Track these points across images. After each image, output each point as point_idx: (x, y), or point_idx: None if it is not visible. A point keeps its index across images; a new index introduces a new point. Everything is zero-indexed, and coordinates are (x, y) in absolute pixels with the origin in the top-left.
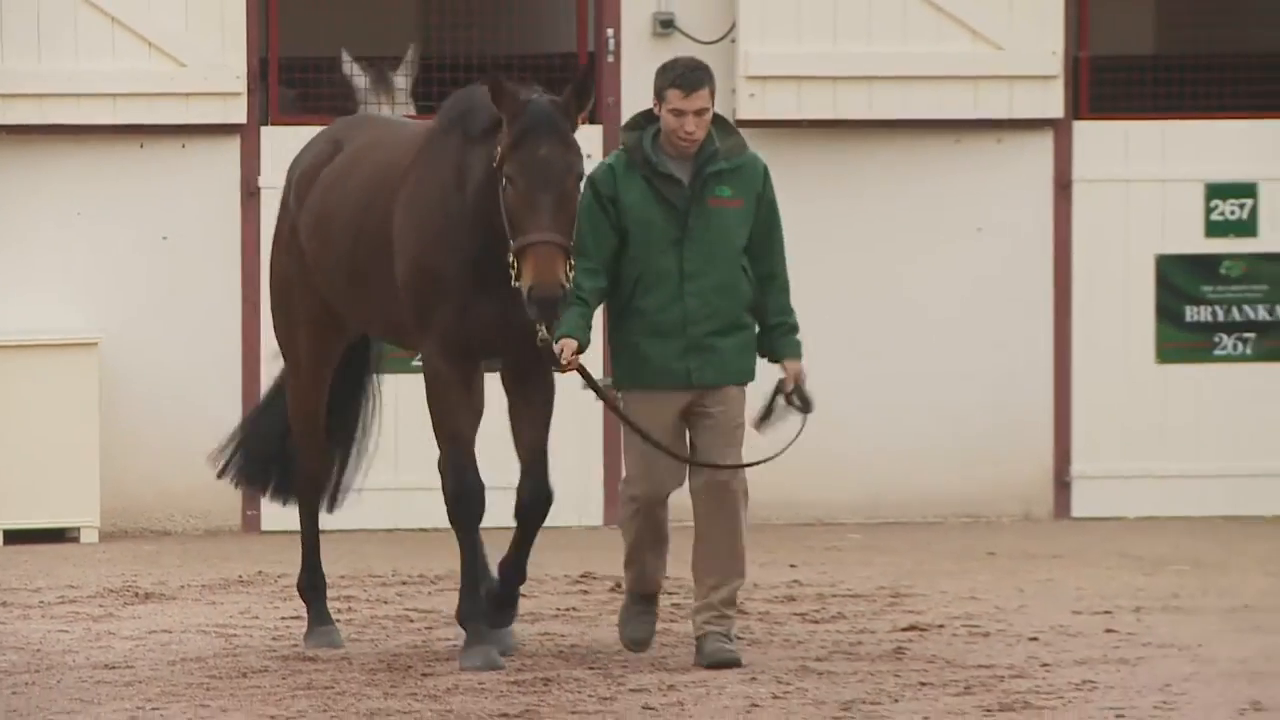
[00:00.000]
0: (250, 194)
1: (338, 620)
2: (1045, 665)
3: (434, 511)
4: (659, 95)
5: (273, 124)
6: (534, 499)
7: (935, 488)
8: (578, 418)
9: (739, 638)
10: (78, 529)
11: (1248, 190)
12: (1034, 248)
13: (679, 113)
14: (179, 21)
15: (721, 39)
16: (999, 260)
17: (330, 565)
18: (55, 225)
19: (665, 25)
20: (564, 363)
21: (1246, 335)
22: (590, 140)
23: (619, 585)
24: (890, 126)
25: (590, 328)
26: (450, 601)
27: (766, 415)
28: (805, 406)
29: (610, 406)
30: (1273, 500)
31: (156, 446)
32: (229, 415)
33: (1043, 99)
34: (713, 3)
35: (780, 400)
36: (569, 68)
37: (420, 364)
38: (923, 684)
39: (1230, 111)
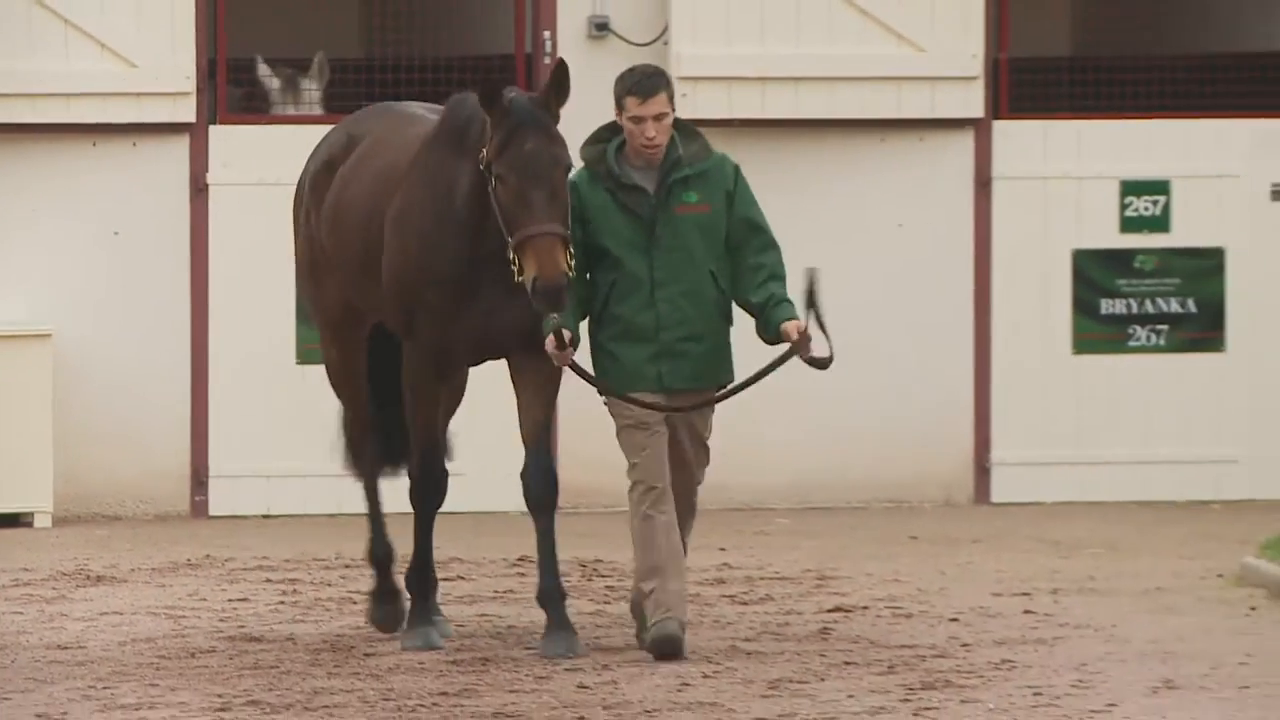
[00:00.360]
0: (199, 190)
1: (280, 604)
2: (965, 645)
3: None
4: (618, 103)
5: (221, 123)
6: (536, 481)
7: (860, 474)
8: (515, 408)
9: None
10: (31, 514)
11: (1161, 187)
12: (955, 243)
13: (638, 119)
14: (130, 23)
15: (654, 41)
16: (921, 255)
17: (275, 549)
18: (9, 221)
19: (600, 28)
20: (561, 347)
21: (1160, 327)
22: None
23: None
24: (817, 126)
25: (578, 320)
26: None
27: (766, 369)
28: (820, 362)
29: (600, 389)
30: (1184, 486)
31: (108, 435)
32: (179, 405)
33: (964, 99)
34: (646, 6)
35: (787, 357)
36: (507, 69)
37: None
38: (847, 663)
39: (1144, 112)
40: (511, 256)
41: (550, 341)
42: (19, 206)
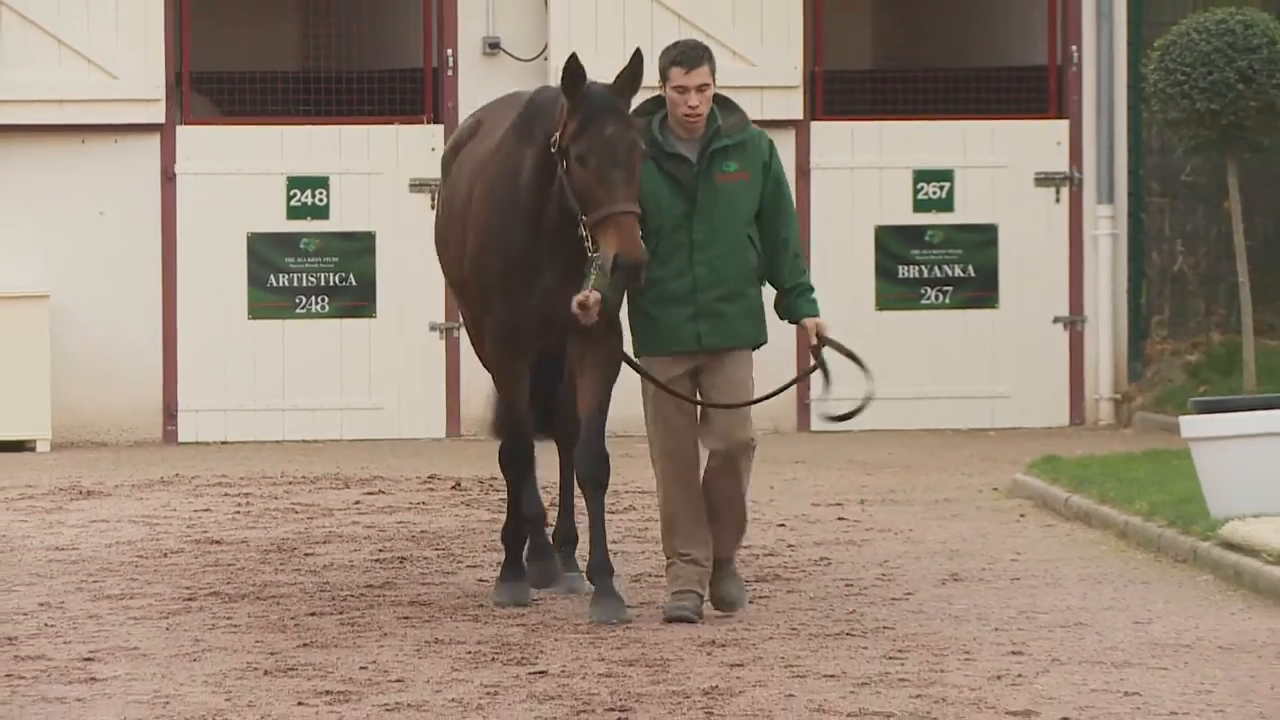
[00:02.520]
0: (168, 179)
1: (236, 513)
2: (791, 546)
3: (313, 426)
4: (663, 75)
5: (186, 124)
6: (587, 460)
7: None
8: (423, 348)
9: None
10: (34, 441)
11: (946, 175)
12: None
13: (682, 89)
14: (111, 43)
15: (536, 57)
16: None
17: (231, 469)
18: (14, 204)
19: (492, 46)
20: (587, 307)
21: (946, 288)
22: (434, 137)
23: (459, 484)
24: None
25: (621, 294)
26: (327, 499)
27: (823, 375)
28: (845, 353)
29: (630, 363)
30: (966, 417)
31: (95, 377)
32: (152, 353)
33: (786, 104)
34: (529, 28)
35: (819, 353)
36: (418, 81)
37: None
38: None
39: (932, 114)
40: (585, 234)
41: (585, 296)
42: (21, 192)
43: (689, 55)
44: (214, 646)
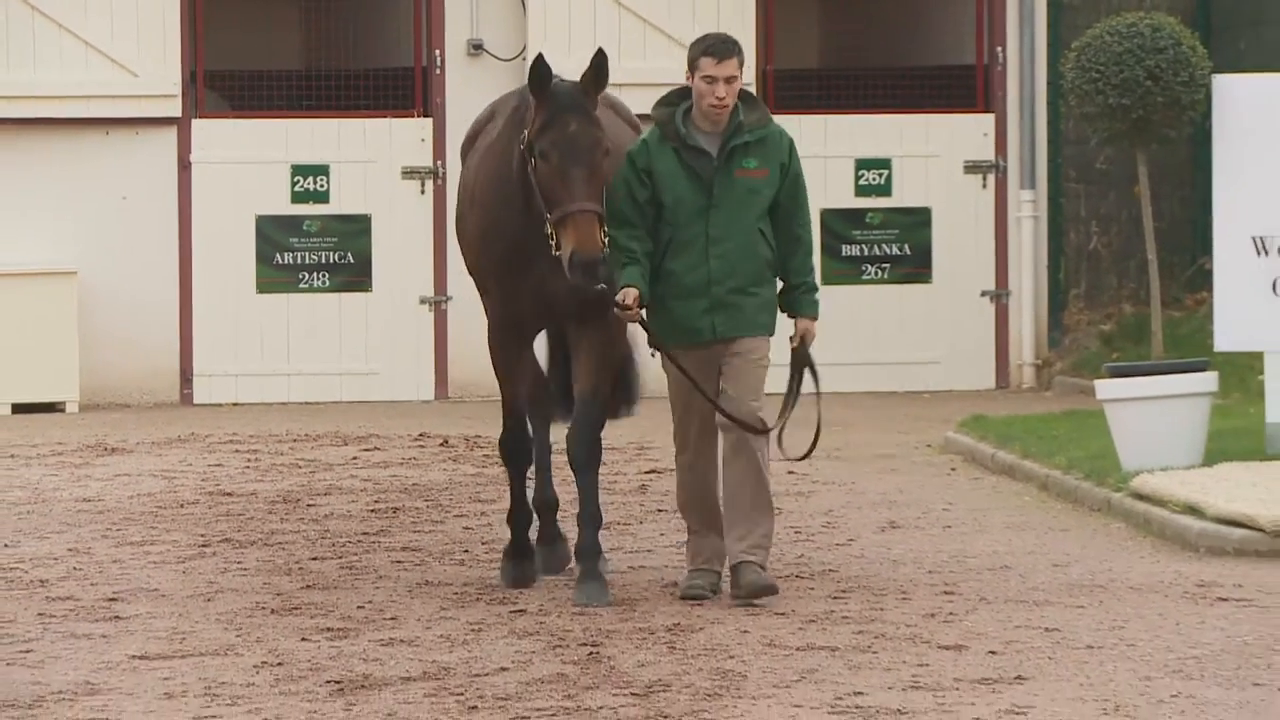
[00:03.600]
0: (184, 167)
1: (246, 468)
2: None
3: (315, 389)
4: (692, 65)
5: (199, 118)
6: (580, 442)
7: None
8: (414, 319)
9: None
10: (64, 403)
11: (885, 164)
12: None
13: (711, 79)
14: (132, 45)
15: (515, 57)
16: None
17: (241, 428)
18: (46, 190)
19: (476, 47)
20: (628, 307)
21: (884, 265)
22: (423, 129)
23: (446, 441)
24: None
25: (648, 283)
26: (328, 455)
27: (811, 377)
28: (807, 366)
29: (664, 353)
30: (902, 381)
31: (118, 345)
32: (170, 323)
33: None
34: (509, 31)
35: (794, 358)
36: (409, 79)
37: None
38: (659, 510)
39: (872, 109)
40: (549, 231)
41: (620, 296)
42: (52, 179)
43: (719, 46)
44: (226, 588)
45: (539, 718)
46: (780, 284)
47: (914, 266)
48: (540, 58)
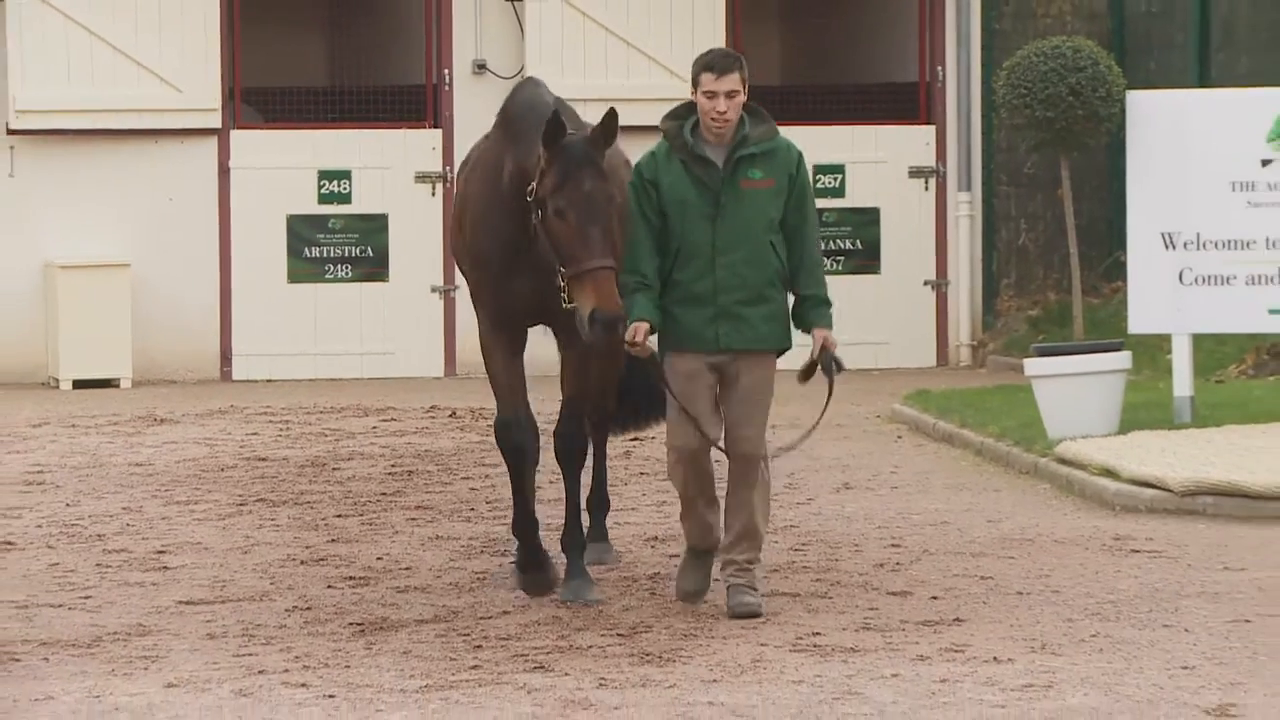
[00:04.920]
0: (223, 173)
1: (278, 436)
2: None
3: (339, 367)
4: (694, 81)
5: (237, 129)
6: (565, 438)
7: None
8: (426, 306)
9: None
10: (118, 379)
11: (839, 169)
12: None
13: (712, 94)
14: (178, 64)
15: (514, 75)
16: None
17: (275, 401)
18: (105, 192)
19: (480, 67)
20: (636, 344)
21: (839, 258)
22: (434, 139)
23: (454, 413)
24: None
25: (658, 308)
26: (350, 425)
27: (806, 374)
28: (838, 368)
29: (663, 383)
30: (856, 359)
31: (167, 328)
32: (212, 309)
33: None
34: (509, 52)
35: (820, 364)
36: (421, 95)
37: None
38: (641, 473)
39: (828, 120)
40: (562, 285)
41: (631, 333)
42: (108, 183)
43: (720, 62)
44: (261, 542)
45: (536, 655)
46: (792, 298)
47: (865, 259)
48: (556, 116)
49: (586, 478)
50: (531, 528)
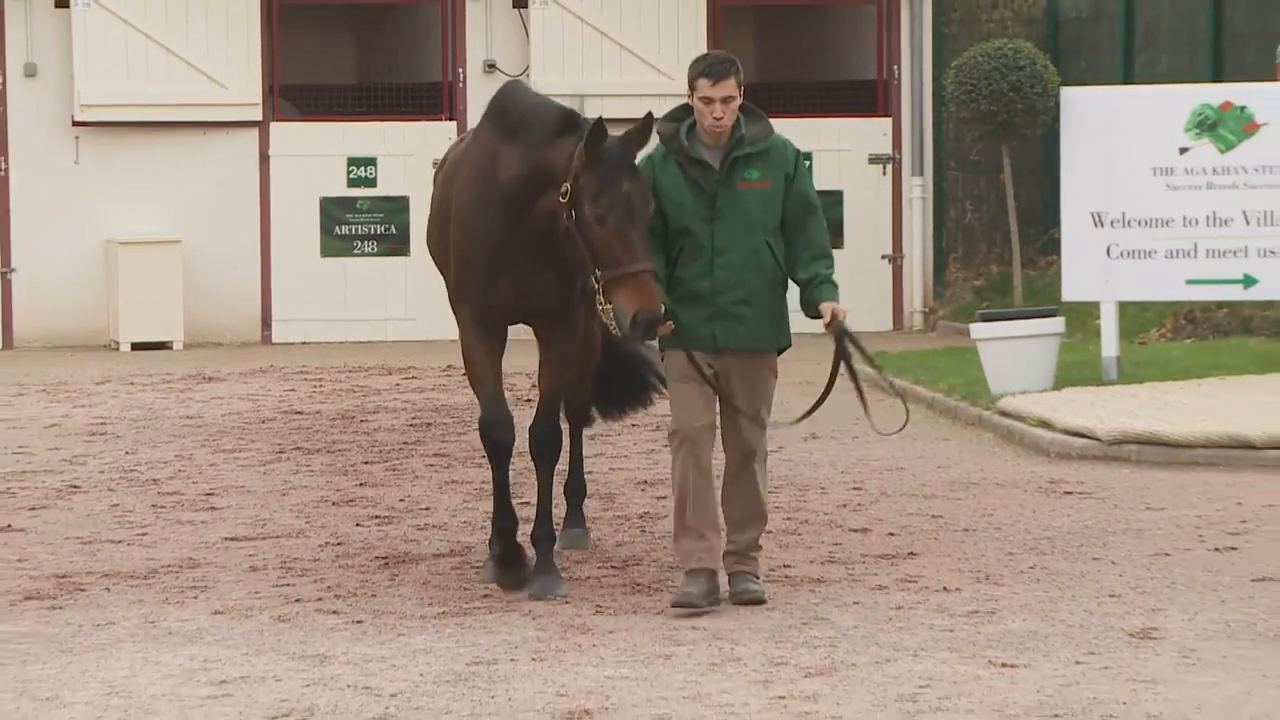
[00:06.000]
0: (264, 160)
1: (313, 393)
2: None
3: (366, 331)
4: (691, 85)
5: (276, 121)
6: (540, 434)
7: None
8: (442, 277)
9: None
10: (171, 342)
11: (807, 157)
12: None
13: (708, 100)
14: (224, 65)
15: (520, 74)
16: None
17: (310, 361)
18: (161, 177)
19: (490, 66)
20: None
21: None
22: (449, 130)
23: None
24: None
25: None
26: (376, 382)
27: (842, 365)
28: (851, 341)
29: (687, 351)
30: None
31: (214, 296)
32: (253, 280)
33: None
34: (516, 53)
35: (831, 334)
36: (438, 92)
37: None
38: (633, 425)
39: (797, 114)
40: (597, 287)
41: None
42: (163, 169)
43: (716, 68)
44: (297, 485)
45: None
46: (799, 289)
47: (829, 236)
48: (600, 122)
49: (561, 466)
50: (513, 525)
